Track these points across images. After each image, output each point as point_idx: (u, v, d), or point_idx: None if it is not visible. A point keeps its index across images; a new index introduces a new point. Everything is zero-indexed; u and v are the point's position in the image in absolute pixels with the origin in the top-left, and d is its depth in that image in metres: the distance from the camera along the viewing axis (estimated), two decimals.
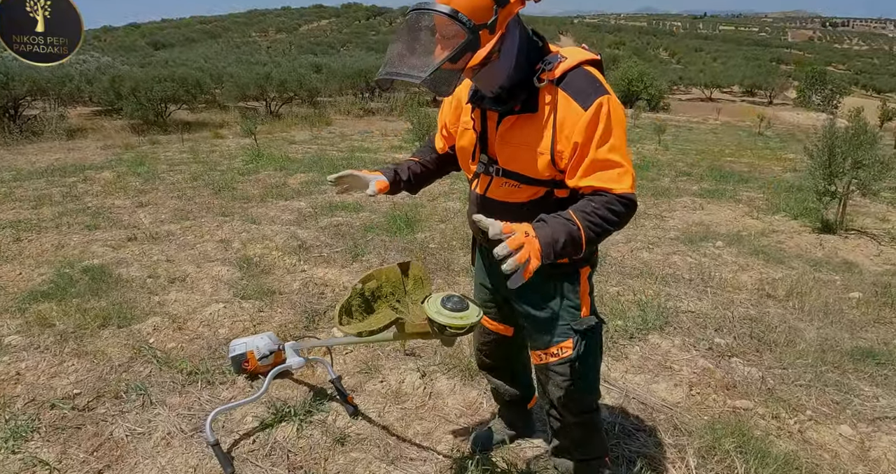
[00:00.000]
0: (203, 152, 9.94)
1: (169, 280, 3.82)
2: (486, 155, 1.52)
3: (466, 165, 1.62)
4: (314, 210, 5.70)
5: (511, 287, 1.24)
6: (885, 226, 6.22)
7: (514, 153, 1.45)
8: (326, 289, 3.65)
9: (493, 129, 1.49)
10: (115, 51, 28.18)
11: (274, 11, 71.90)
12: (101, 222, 5.33)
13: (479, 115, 1.51)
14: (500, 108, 1.43)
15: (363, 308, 1.49)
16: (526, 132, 1.42)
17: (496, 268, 1.65)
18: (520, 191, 1.49)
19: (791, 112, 26.97)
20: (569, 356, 1.59)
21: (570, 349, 1.59)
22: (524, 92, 1.39)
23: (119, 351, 2.86)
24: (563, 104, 1.37)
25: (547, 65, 1.37)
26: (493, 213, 1.48)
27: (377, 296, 1.53)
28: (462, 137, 1.59)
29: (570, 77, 1.38)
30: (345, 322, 1.44)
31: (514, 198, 1.51)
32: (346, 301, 1.48)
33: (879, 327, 3.46)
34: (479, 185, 1.58)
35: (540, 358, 1.66)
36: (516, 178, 1.48)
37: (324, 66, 20.87)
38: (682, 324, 3.26)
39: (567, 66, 1.38)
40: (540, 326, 1.63)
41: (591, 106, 1.34)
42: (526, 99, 1.39)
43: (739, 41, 78.92)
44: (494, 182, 1.53)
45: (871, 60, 67.50)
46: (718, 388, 2.60)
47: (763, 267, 4.48)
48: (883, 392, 2.69)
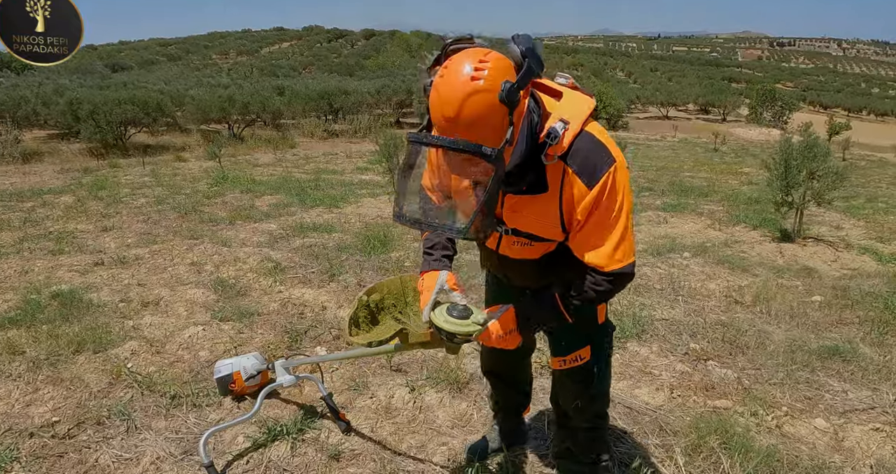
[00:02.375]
0: (166, 175, 9.78)
1: (142, 304, 3.75)
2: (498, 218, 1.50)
3: None
4: (285, 231, 5.67)
5: None
6: (839, 233, 6.53)
7: (525, 221, 1.46)
8: (306, 309, 3.63)
9: (499, 198, 1.44)
10: (71, 73, 27.52)
11: (234, 33, 71.46)
12: (66, 247, 5.19)
13: None
14: (507, 189, 1.38)
15: (369, 319, 1.53)
16: (534, 208, 1.42)
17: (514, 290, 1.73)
18: (532, 249, 1.53)
19: (744, 128, 28.03)
20: (588, 361, 1.68)
21: (589, 354, 1.68)
22: (532, 172, 1.34)
23: (97, 376, 2.79)
24: (569, 182, 1.35)
25: (553, 139, 1.29)
26: (510, 268, 1.62)
27: (381, 308, 1.57)
28: None
29: (577, 147, 1.33)
30: (354, 333, 1.47)
31: (528, 255, 1.55)
32: (354, 312, 1.51)
33: (842, 327, 3.63)
34: (491, 242, 1.59)
35: (560, 364, 1.72)
36: (528, 237, 1.49)
37: (286, 89, 20.80)
38: (657, 331, 3.35)
39: (573, 135, 1.32)
40: (559, 334, 1.70)
41: (596, 185, 1.32)
42: (534, 180, 1.36)
43: (692, 61, 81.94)
44: (505, 240, 1.55)
45: (817, 78, 70.93)
46: (698, 390, 2.69)
47: (729, 275, 4.64)
48: (851, 386, 2.82)
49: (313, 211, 6.71)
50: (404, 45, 62.90)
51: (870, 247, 5.90)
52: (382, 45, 62.72)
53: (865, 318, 3.74)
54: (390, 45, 62.84)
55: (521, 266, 1.57)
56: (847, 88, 61.66)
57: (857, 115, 44.04)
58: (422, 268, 1.57)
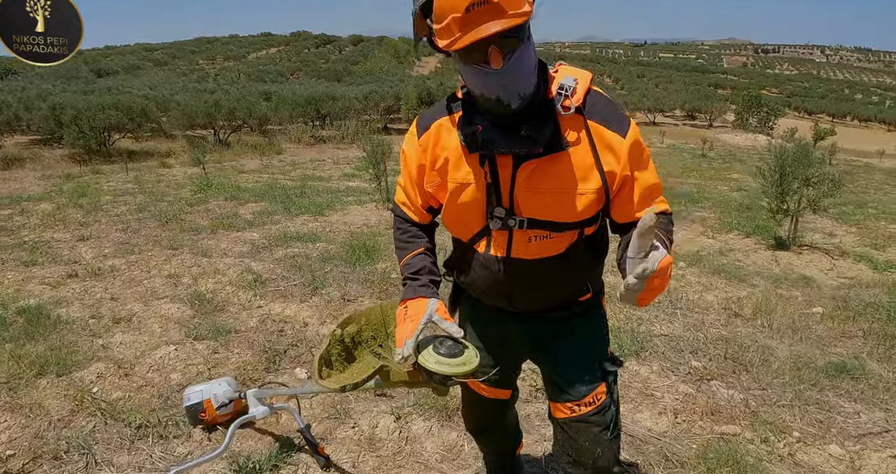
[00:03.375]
0: (149, 182, 9.56)
1: (114, 320, 3.54)
2: (501, 208, 1.27)
3: (466, 226, 1.35)
4: (268, 241, 5.47)
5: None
6: (833, 240, 6.43)
7: (546, 200, 1.25)
8: (286, 327, 3.43)
9: (506, 178, 1.25)
10: (56, 77, 27.12)
11: (222, 39, 70.88)
12: (39, 257, 4.97)
13: (487, 163, 1.25)
14: (520, 149, 1.19)
15: (343, 356, 1.30)
16: (558, 174, 1.22)
17: (512, 328, 1.47)
18: (554, 242, 1.29)
19: (730, 134, 28.17)
20: (604, 402, 1.43)
21: (604, 394, 1.44)
22: (550, 124, 1.19)
23: (59, 403, 2.58)
24: (597, 133, 1.22)
25: (567, 90, 1.20)
26: (524, 278, 1.34)
27: (357, 342, 1.35)
28: (459, 195, 1.30)
29: (592, 102, 1.24)
30: (325, 375, 1.24)
31: (550, 252, 1.30)
32: (326, 350, 1.27)
33: (846, 341, 3.49)
34: (495, 246, 1.32)
35: (572, 411, 1.45)
36: (548, 228, 1.27)
37: (273, 94, 20.61)
38: (656, 348, 3.20)
39: (584, 91, 1.22)
40: (572, 375, 1.44)
41: (628, 132, 1.23)
42: (550, 136, 1.19)
43: (678, 67, 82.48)
44: (517, 238, 1.29)
45: (801, 84, 71.67)
46: (704, 414, 2.53)
47: (726, 286, 4.50)
48: (862, 408, 2.67)
49: (298, 219, 6.51)
50: (392, 50, 62.83)
51: (865, 255, 5.81)
52: (370, 51, 62.64)
53: (869, 331, 3.61)
54: (378, 51, 62.78)
55: (540, 268, 1.31)
56: (831, 94, 62.32)
57: (842, 121, 44.50)
58: (404, 295, 1.34)
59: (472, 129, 1.22)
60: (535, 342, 1.49)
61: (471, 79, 1.18)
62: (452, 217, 1.36)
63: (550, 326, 1.46)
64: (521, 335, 1.49)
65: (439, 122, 1.33)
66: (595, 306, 1.49)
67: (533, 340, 1.49)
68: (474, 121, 1.23)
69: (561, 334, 1.45)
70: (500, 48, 1.09)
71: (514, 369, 1.63)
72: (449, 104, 1.33)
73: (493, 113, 1.21)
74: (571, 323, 1.45)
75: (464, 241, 1.38)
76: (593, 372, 1.44)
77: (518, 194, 1.25)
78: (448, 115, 1.32)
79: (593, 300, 1.47)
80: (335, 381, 1.21)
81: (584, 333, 1.46)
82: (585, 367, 1.44)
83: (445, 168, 1.31)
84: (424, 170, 1.35)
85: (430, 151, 1.33)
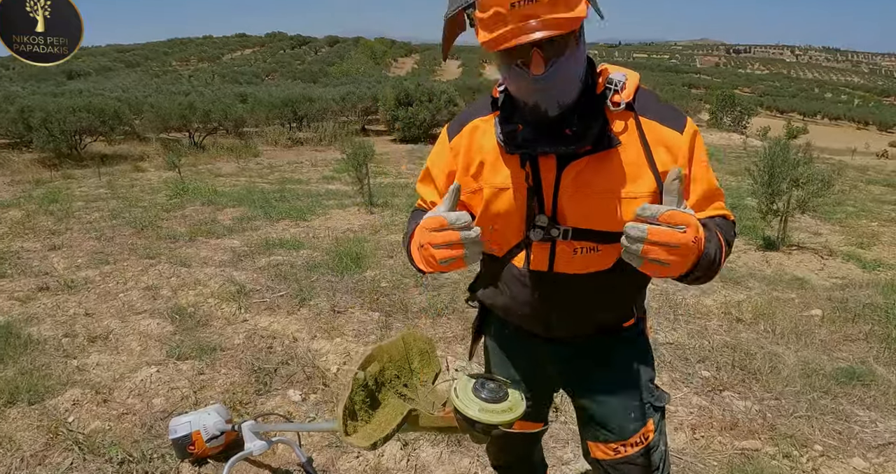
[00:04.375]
0: (122, 187, 9.26)
1: (89, 339, 3.32)
2: (543, 216, 1.13)
3: (502, 238, 1.20)
4: (250, 248, 5.27)
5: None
6: (819, 239, 6.44)
7: (594, 206, 1.10)
8: (275, 343, 3.24)
9: (549, 182, 1.11)
10: (24, 79, 26.34)
11: (195, 40, 69.73)
12: (7, 269, 4.72)
13: (529, 164, 1.11)
14: (567, 147, 1.05)
15: (367, 403, 1.11)
16: (608, 175, 1.09)
17: (546, 356, 1.31)
18: (601, 256, 1.14)
19: (705, 133, 28.47)
20: (653, 440, 1.28)
21: (652, 432, 1.28)
22: (597, 121, 1.06)
23: (31, 435, 2.38)
24: (652, 131, 1.10)
25: (616, 85, 1.08)
26: (569, 295, 1.18)
27: (381, 383, 1.17)
28: (497, 201, 1.16)
29: (642, 99, 1.12)
30: (351, 430, 1.06)
31: (597, 267, 1.15)
32: (349, 400, 1.08)
33: (850, 345, 3.43)
34: (536, 260, 1.16)
35: (617, 452, 1.29)
36: (594, 239, 1.13)
37: (249, 96, 20.25)
38: (664, 358, 3.09)
39: (634, 87, 1.11)
40: (617, 411, 1.27)
41: (685, 129, 1.10)
42: (598, 133, 1.06)
43: (653, 67, 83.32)
44: (560, 250, 1.15)
45: (773, 83, 73.01)
46: (722, 429, 2.42)
47: (722, 289, 4.43)
48: (878, 415, 2.60)
49: (279, 224, 6.31)
50: (369, 52, 62.52)
51: (853, 254, 5.82)
52: (347, 52, 62.23)
53: (871, 334, 3.56)
54: (354, 52, 62.40)
55: (584, 288, 1.16)
56: (801, 93, 63.57)
57: (813, 119, 45.37)
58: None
59: (511, 128, 1.10)
60: (572, 372, 1.33)
61: (509, 80, 1.05)
62: (488, 227, 1.19)
63: (591, 354, 1.30)
64: (556, 364, 1.33)
65: (474, 124, 1.19)
66: (640, 333, 1.34)
67: (570, 370, 1.33)
68: (514, 120, 1.10)
69: (602, 364, 1.30)
70: (544, 52, 0.96)
71: (547, 401, 1.48)
72: (485, 104, 1.20)
73: (530, 116, 1.08)
74: (614, 351, 1.30)
75: (498, 257, 1.22)
76: (640, 407, 1.28)
77: (563, 200, 1.12)
78: (484, 116, 1.18)
79: (638, 326, 1.32)
80: (364, 437, 1.04)
81: (628, 363, 1.30)
82: (631, 402, 1.28)
83: (481, 172, 1.17)
84: (454, 178, 1.20)
85: (464, 155, 1.19)
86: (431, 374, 1.24)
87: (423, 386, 1.21)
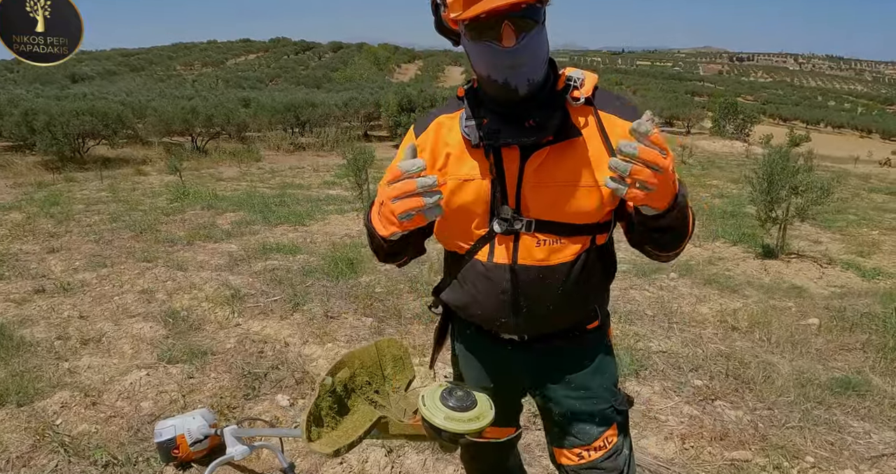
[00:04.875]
0: (124, 190, 9.30)
1: (81, 341, 3.32)
2: (507, 207, 1.15)
3: (466, 231, 1.20)
4: (247, 253, 5.27)
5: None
6: (818, 247, 6.42)
7: (556, 196, 1.13)
8: (266, 347, 3.23)
9: (512, 173, 1.14)
10: (29, 83, 26.50)
11: (200, 45, 70.13)
12: (5, 271, 4.74)
13: (492, 156, 1.14)
14: (528, 137, 1.09)
15: (335, 410, 1.10)
16: (569, 165, 1.12)
17: (511, 359, 1.31)
18: (564, 248, 1.15)
19: (708, 141, 28.47)
20: (615, 445, 1.29)
21: (616, 436, 1.29)
22: (559, 112, 1.10)
23: (18, 437, 2.37)
24: (612, 125, 1.13)
25: (575, 81, 1.13)
26: (533, 288, 1.17)
27: (350, 390, 1.16)
28: (460, 193, 1.17)
29: (601, 95, 1.16)
30: (315, 436, 1.05)
31: (558, 259, 1.16)
32: (315, 405, 1.08)
33: (846, 354, 3.41)
34: (498, 253, 1.17)
35: (581, 457, 1.29)
36: (557, 231, 1.14)
37: (252, 101, 20.33)
38: (656, 366, 3.07)
39: (593, 84, 1.14)
40: (579, 415, 1.28)
41: None
42: (559, 124, 1.10)
43: (656, 75, 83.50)
44: (524, 243, 1.15)
45: (775, 91, 73.02)
46: (712, 439, 2.40)
47: (719, 297, 4.42)
48: (872, 426, 2.57)
49: (277, 229, 6.32)
50: (372, 57, 62.77)
51: (852, 263, 5.79)
52: (350, 58, 62.47)
53: (868, 343, 3.53)
54: (358, 58, 62.63)
55: (546, 279, 1.16)
56: (804, 101, 63.53)
57: (816, 128, 45.29)
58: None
59: (475, 122, 1.13)
60: (537, 375, 1.33)
61: (479, 59, 1.08)
62: (452, 220, 1.20)
63: (555, 357, 1.30)
64: (520, 368, 1.32)
65: (439, 121, 1.22)
66: (603, 336, 1.34)
67: (533, 374, 1.33)
68: (479, 115, 1.14)
69: (566, 367, 1.29)
70: (515, 26, 1.01)
71: (515, 405, 1.47)
72: (451, 103, 1.23)
73: (499, 99, 1.11)
74: (577, 354, 1.30)
75: (461, 253, 1.23)
76: (603, 411, 1.28)
77: (526, 191, 1.14)
78: (449, 113, 1.22)
79: (601, 329, 1.32)
80: (327, 443, 1.03)
81: (592, 367, 1.30)
82: (594, 407, 1.28)
83: (446, 165, 1.19)
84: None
85: (430, 150, 1.20)
86: (405, 381, 1.23)
87: (395, 392, 1.20)
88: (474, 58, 1.09)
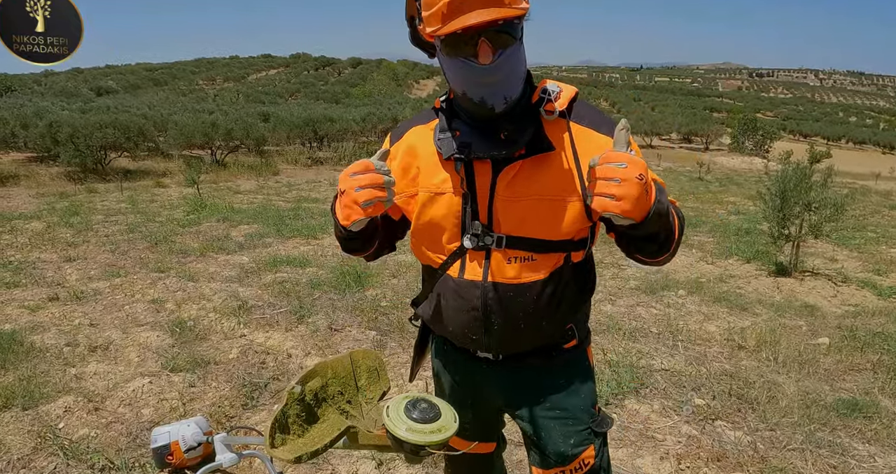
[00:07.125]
0: (143, 202, 9.47)
1: (90, 348, 3.38)
2: (478, 222, 1.13)
3: (438, 244, 1.19)
4: (257, 265, 5.33)
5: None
6: (834, 265, 6.30)
7: (528, 212, 1.10)
8: (268, 358, 3.27)
9: (484, 187, 1.12)
10: (55, 95, 27.16)
11: (222, 60, 71.47)
12: (23, 279, 4.84)
13: (463, 169, 1.12)
14: (500, 151, 1.07)
15: (303, 418, 1.10)
16: (541, 180, 1.10)
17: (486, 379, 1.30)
18: (536, 265, 1.13)
19: (726, 157, 28.22)
20: (593, 466, 1.27)
21: (593, 458, 1.27)
22: (531, 126, 1.09)
23: (20, 439, 2.42)
24: (582, 137, 1.12)
25: (550, 94, 1.11)
26: (505, 306, 1.15)
27: (321, 399, 1.15)
28: (432, 206, 1.16)
29: (578, 107, 1.15)
30: (278, 442, 1.04)
31: (530, 277, 1.14)
32: (280, 412, 1.07)
33: (856, 375, 3.34)
34: (469, 269, 1.16)
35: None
36: (530, 247, 1.12)
37: (271, 115, 20.62)
38: (657, 384, 3.04)
39: (569, 97, 1.12)
40: (555, 437, 1.26)
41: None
42: (532, 138, 1.09)
43: (674, 91, 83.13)
44: (495, 259, 1.14)
45: (795, 107, 72.24)
46: (709, 460, 2.37)
47: (728, 315, 4.36)
48: (878, 449, 2.52)
49: (290, 242, 6.39)
50: (391, 73, 63.40)
51: (868, 281, 5.68)
52: (369, 74, 63.14)
53: (879, 364, 3.46)
54: (377, 74, 63.29)
55: (520, 298, 1.14)
56: (825, 117, 62.73)
57: (837, 144, 44.67)
58: None
59: (448, 134, 1.13)
60: (512, 394, 1.31)
61: (455, 75, 1.07)
62: (423, 233, 1.20)
63: (531, 377, 1.28)
64: (496, 384, 1.31)
65: (414, 130, 1.22)
66: (581, 356, 1.32)
67: (510, 392, 1.31)
68: (452, 127, 1.13)
69: (543, 387, 1.28)
70: (492, 43, 1.00)
71: (494, 421, 1.46)
72: (427, 114, 1.23)
73: (474, 116, 1.11)
74: (554, 374, 1.28)
75: (434, 268, 1.22)
76: (580, 432, 1.27)
77: (497, 206, 1.12)
78: (424, 124, 1.21)
79: (579, 348, 1.31)
80: (290, 450, 1.03)
81: (568, 387, 1.28)
82: (571, 427, 1.26)
83: (417, 177, 1.19)
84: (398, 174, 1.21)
85: (401, 158, 1.21)
86: (378, 392, 1.23)
87: (367, 403, 1.20)
88: (450, 74, 1.08)
